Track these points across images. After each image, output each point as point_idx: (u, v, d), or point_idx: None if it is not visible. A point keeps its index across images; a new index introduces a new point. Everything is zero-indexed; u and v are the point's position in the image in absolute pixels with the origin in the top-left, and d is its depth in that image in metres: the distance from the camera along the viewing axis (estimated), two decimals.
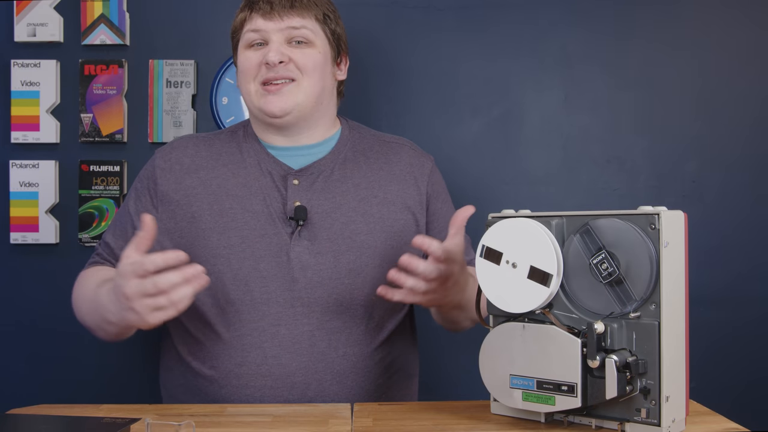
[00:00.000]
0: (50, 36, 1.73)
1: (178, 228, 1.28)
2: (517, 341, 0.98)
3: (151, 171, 1.33)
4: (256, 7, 1.29)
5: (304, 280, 1.24)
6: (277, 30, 1.28)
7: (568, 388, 0.93)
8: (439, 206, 1.39)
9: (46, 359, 1.75)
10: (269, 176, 1.30)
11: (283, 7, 1.28)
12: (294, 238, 1.26)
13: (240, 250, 1.25)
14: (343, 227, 1.28)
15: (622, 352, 0.92)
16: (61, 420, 1.00)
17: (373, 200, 1.32)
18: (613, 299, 0.94)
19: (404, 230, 1.32)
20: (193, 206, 1.28)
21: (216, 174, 1.31)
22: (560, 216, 0.99)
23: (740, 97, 1.77)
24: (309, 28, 1.30)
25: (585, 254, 0.95)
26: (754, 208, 1.76)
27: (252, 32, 1.29)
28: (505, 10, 1.77)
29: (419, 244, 1.11)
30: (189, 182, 1.30)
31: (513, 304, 0.98)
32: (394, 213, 1.32)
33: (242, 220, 1.27)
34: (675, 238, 0.93)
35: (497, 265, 0.99)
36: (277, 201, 1.28)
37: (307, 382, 1.23)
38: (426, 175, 1.39)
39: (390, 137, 1.44)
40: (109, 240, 1.34)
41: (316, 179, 1.30)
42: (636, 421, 0.93)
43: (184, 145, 1.36)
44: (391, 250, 1.30)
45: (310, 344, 1.23)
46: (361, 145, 1.38)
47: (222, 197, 1.28)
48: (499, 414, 1.05)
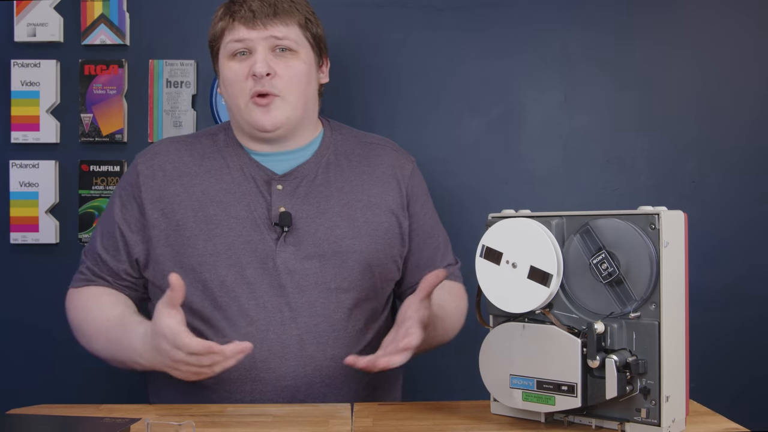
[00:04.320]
0: (50, 36, 1.73)
1: (164, 236, 1.27)
2: (517, 341, 0.98)
3: (135, 178, 1.30)
4: (238, 15, 1.26)
5: (291, 285, 1.24)
6: (261, 39, 1.25)
7: (568, 388, 0.93)
8: (417, 209, 1.39)
9: (46, 359, 1.75)
10: (253, 181, 1.29)
11: (266, 15, 1.25)
12: (279, 244, 1.25)
13: (226, 257, 1.24)
14: (328, 232, 1.28)
15: (622, 352, 0.92)
16: (61, 420, 1.00)
17: (357, 204, 1.32)
18: (613, 299, 0.94)
19: (388, 233, 1.33)
20: (178, 214, 1.27)
21: (199, 180, 1.29)
22: (560, 216, 0.99)
23: (740, 97, 1.77)
24: (292, 38, 1.27)
25: (585, 254, 0.95)
26: (754, 208, 1.76)
27: (235, 42, 1.26)
28: (505, 10, 1.77)
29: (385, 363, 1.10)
30: (172, 189, 1.28)
31: (513, 304, 0.98)
32: (377, 216, 1.32)
33: (227, 227, 1.26)
34: (675, 238, 0.93)
35: (497, 265, 0.99)
36: (261, 207, 1.27)
37: (297, 385, 1.23)
38: (407, 176, 1.39)
39: (372, 137, 1.43)
40: (101, 253, 1.31)
41: (300, 184, 1.30)
42: (636, 421, 0.93)
43: (166, 150, 1.33)
44: (375, 254, 1.31)
45: (299, 348, 1.23)
46: (344, 148, 1.38)
47: (206, 204, 1.27)
48: (499, 414, 1.05)
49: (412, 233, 1.38)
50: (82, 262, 1.35)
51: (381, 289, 1.34)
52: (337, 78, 1.74)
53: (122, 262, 1.30)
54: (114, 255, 1.30)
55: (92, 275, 1.32)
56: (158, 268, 1.28)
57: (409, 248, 1.38)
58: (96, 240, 1.33)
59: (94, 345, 1.26)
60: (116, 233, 1.30)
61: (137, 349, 1.15)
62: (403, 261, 1.38)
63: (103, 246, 1.31)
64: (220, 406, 1.15)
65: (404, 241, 1.36)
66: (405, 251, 1.37)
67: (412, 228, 1.38)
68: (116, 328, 1.21)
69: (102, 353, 1.25)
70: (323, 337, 1.25)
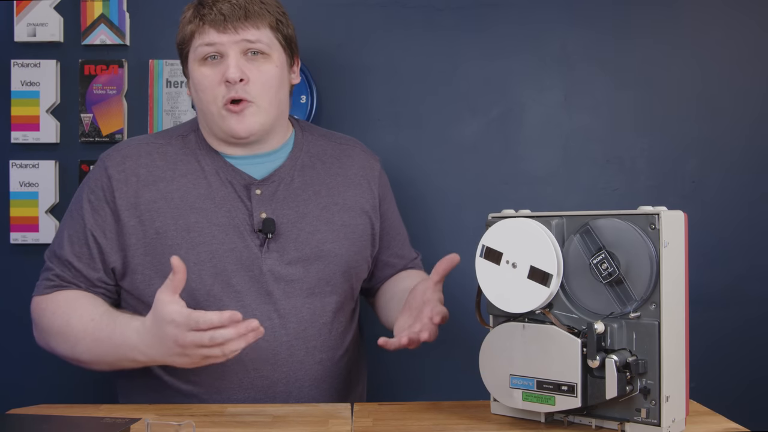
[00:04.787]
0: (50, 36, 1.73)
1: (142, 244, 1.23)
2: (517, 341, 0.98)
3: (106, 182, 1.25)
4: (208, 19, 1.22)
5: (278, 291, 1.24)
6: (233, 43, 1.22)
7: (568, 388, 0.93)
8: (386, 208, 1.42)
9: (46, 359, 1.74)
10: (230, 186, 1.26)
11: (237, 18, 1.21)
12: (264, 250, 1.25)
13: (211, 266, 1.22)
14: (309, 236, 1.28)
15: (622, 352, 0.92)
16: (61, 420, 1.00)
17: (334, 207, 1.32)
18: (613, 299, 0.94)
19: (363, 235, 1.35)
20: (157, 221, 1.23)
21: (176, 186, 1.25)
22: (560, 216, 0.99)
23: (740, 97, 1.76)
24: (264, 41, 1.24)
25: (585, 254, 0.95)
26: (754, 208, 1.76)
27: (206, 46, 1.23)
28: (505, 10, 1.77)
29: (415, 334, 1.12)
30: (149, 195, 1.24)
31: (513, 304, 0.98)
32: (354, 219, 1.34)
33: (209, 235, 1.23)
34: (675, 238, 0.93)
35: (497, 265, 0.99)
36: (242, 212, 1.25)
37: (289, 390, 1.24)
38: (376, 177, 1.41)
39: (339, 137, 1.43)
40: (72, 260, 1.25)
41: (278, 188, 1.29)
42: (636, 421, 0.93)
43: (136, 153, 1.28)
44: (353, 256, 1.32)
45: (289, 354, 1.24)
46: (315, 149, 1.37)
47: (186, 211, 1.24)
48: (499, 414, 1.05)
49: (382, 231, 1.40)
50: (48, 268, 1.27)
51: (356, 290, 1.37)
52: (337, 78, 1.74)
53: (97, 270, 1.25)
54: (88, 263, 1.25)
55: (62, 281, 1.26)
56: (136, 278, 1.24)
57: (379, 246, 1.40)
58: (63, 245, 1.26)
59: (79, 348, 1.18)
60: (89, 240, 1.24)
61: (134, 345, 1.11)
62: (373, 259, 1.40)
63: (75, 253, 1.25)
64: (220, 406, 1.15)
65: (375, 242, 1.38)
66: (375, 251, 1.39)
67: (382, 227, 1.40)
68: (104, 327, 1.16)
69: (85, 356, 1.19)
70: (311, 342, 1.26)
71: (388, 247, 1.42)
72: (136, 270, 1.24)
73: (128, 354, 1.13)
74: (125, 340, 1.13)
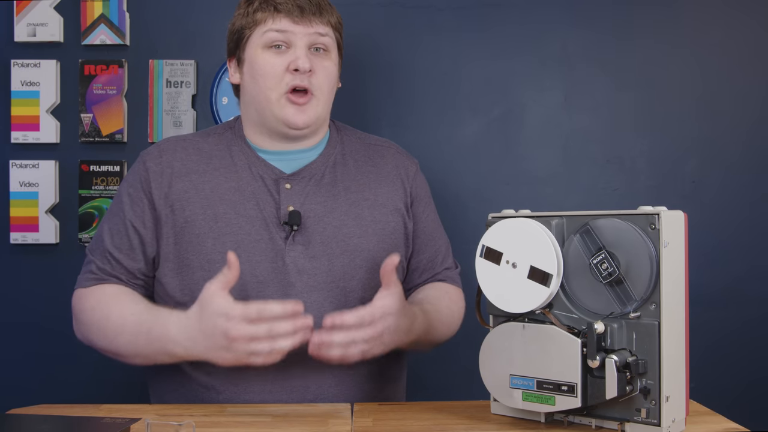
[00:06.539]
0: (50, 36, 1.73)
1: (173, 233, 1.26)
2: (517, 341, 0.98)
3: (144, 175, 1.29)
4: (283, 8, 1.26)
5: (300, 284, 1.24)
6: (304, 34, 1.26)
7: (568, 388, 0.93)
8: (420, 210, 1.39)
9: (47, 359, 1.75)
10: (261, 180, 1.29)
11: (312, 12, 1.26)
12: (288, 242, 1.25)
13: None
14: (336, 231, 1.28)
15: (622, 352, 0.92)
16: (61, 420, 1.00)
17: (364, 203, 1.32)
18: (613, 299, 0.94)
19: (395, 233, 1.33)
20: (186, 210, 1.26)
21: (208, 178, 1.29)
22: (560, 216, 0.99)
23: (740, 97, 1.77)
24: (330, 36, 1.30)
25: (585, 254, 0.95)
26: (754, 208, 1.76)
27: (276, 32, 1.25)
28: (505, 10, 1.77)
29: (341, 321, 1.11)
30: (181, 186, 1.27)
31: (513, 304, 0.98)
32: (384, 215, 1.33)
33: (237, 225, 1.25)
34: (675, 238, 0.93)
35: (497, 265, 0.99)
36: (270, 205, 1.27)
37: (306, 384, 1.23)
38: (411, 177, 1.40)
39: (375, 139, 1.43)
40: (113, 252, 1.27)
41: (308, 183, 1.30)
42: (636, 421, 0.93)
43: (173, 148, 1.31)
44: (382, 253, 1.30)
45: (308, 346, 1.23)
46: (349, 148, 1.38)
47: (215, 202, 1.26)
48: (499, 414, 1.05)
49: (415, 233, 1.38)
50: (90, 261, 1.30)
51: None
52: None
53: (137, 261, 1.27)
54: (128, 254, 1.27)
55: (104, 274, 1.28)
56: (166, 266, 1.26)
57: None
58: (104, 238, 1.29)
59: (119, 341, 1.20)
60: (129, 231, 1.27)
61: (174, 338, 1.13)
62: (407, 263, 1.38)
63: (115, 245, 1.28)
64: (220, 406, 1.15)
65: (408, 243, 1.36)
66: (409, 253, 1.37)
67: (414, 229, 1.38)
68: (144, 321, 1.18)
69: (123, 349, 1.20)
70: None
71: (419, 252, 1.38)
72: (167, 258, 1.26)
73: (166, 347, 1.15)
74: (165, 333, 1.14)
